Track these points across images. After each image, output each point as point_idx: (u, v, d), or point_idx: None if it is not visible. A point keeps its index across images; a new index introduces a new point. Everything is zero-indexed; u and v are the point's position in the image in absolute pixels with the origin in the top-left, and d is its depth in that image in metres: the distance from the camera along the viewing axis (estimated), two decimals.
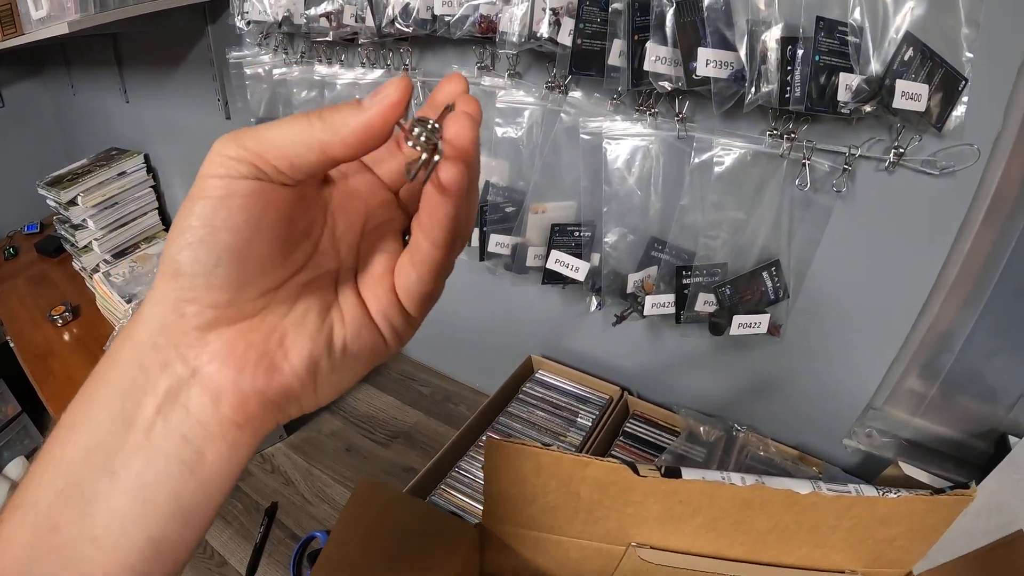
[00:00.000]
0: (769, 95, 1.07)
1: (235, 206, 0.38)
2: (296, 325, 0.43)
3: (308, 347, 0.43)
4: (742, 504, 0.79)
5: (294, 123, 0.39)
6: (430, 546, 0.85)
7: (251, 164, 0.38)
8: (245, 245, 0.39)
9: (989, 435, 1.29)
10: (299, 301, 0.44)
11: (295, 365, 0.42)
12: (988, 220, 1.11)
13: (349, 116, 0.38)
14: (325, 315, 0.44)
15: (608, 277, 1.41)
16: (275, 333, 0.42)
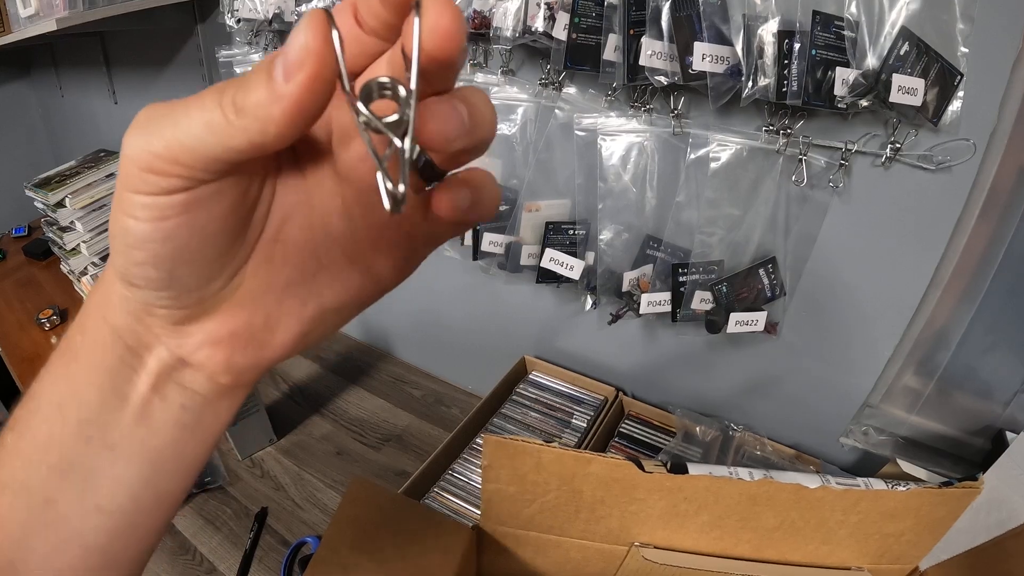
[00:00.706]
0: (766, 89, 1.07)
1: (171, 226, 0.34)
2: (276, 302, 0.41)
3: (294, 325, 0.42)
4: (748, 500, 0.78)
5: (203, 114, 0.32)
6: (426, 548, 0.84)
7: (173, 176, 0.33)
8: (198, 251, 0.36)
9: (986, 431, 1.29)
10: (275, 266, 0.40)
11: (285, 341, 0.42)
12: (984, 215, 1.11)
13: (264, 101, 0.31)
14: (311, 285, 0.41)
15: (603, 275, 1.40)
16: (258, 314, 0.40)
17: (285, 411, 1.82)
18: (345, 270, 0.42)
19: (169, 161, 0.32)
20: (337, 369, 2.04)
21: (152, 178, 0.33)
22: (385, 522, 0.84)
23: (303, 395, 1.91)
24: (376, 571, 0.80)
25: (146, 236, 0.34)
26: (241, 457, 1.65)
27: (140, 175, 0.32)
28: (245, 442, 1.64)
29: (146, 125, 0.33)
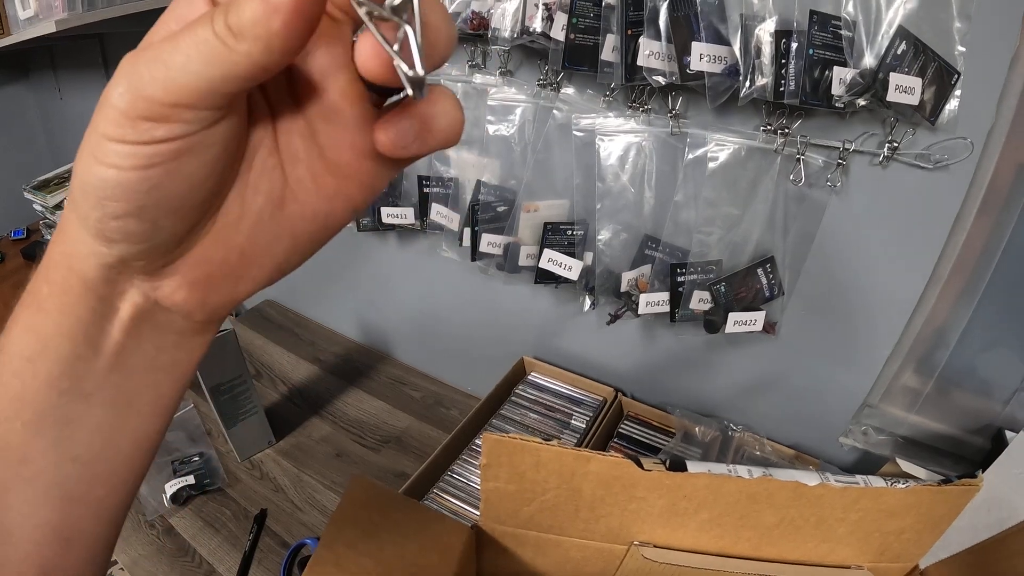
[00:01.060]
0: (764, 89, 1.07)
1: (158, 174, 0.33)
2: (251, 238, 0.39)
3: (271, 258, 0.41)
4: (748, 498, 0.78)
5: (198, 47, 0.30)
6: (425, 547, 0.83)
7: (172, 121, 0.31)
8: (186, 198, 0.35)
9: (985, 430, 1.29)
10: (248, 199, 0.38)
11: (260, 275, 0.41)
12: (982, 213, 1.12)
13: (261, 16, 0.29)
14: (279, 212, 0.39)
15: (602, 276, 1.41)
16: (233, 250, 0.39)
17: (284, 413, 1.82)
18: (314, 196, 0.40)
19: (168, 105, 0.31)
20: (336, 371, 2.04)
21: (145, 125, 0.31)
22: (384, 521, 0.84)
23: (302, 397, 1.91)
24: (375, 570, 0.79)
25: (130, 186, 0.33)
26: (240, 459, 1.65)
27: (130, 123, 0.31)
28: (244, 444, 1.64)
29: (132, 71, 0.31)
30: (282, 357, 2.09)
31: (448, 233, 1.57)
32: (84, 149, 0.33)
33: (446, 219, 1.54)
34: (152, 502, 1.51)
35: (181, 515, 1.50)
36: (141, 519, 1.48)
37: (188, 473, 1.57)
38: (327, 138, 0.39)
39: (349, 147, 0.39)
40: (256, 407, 1.62)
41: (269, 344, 2.15)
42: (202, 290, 0.39)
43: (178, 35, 0.31)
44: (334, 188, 0.40)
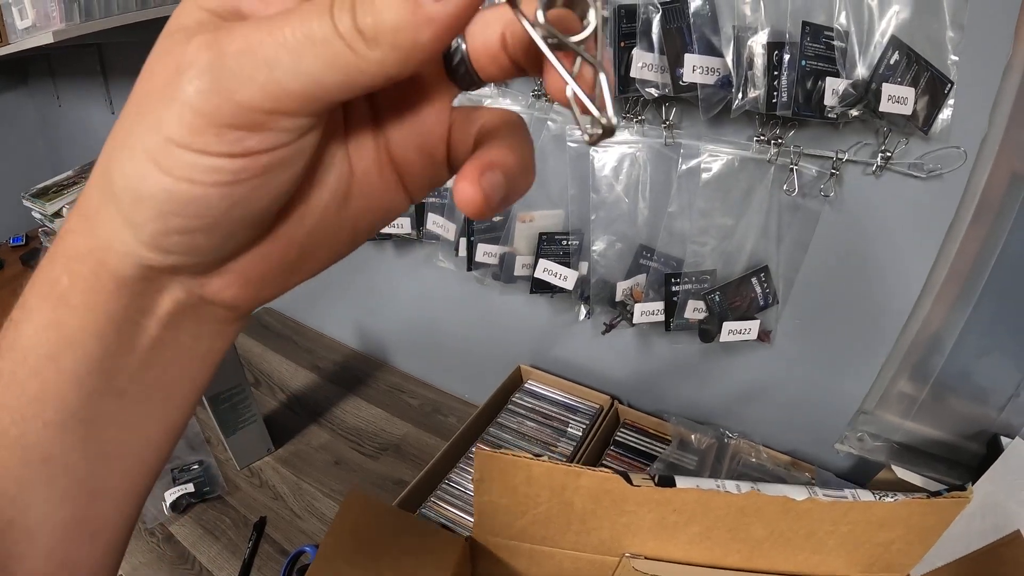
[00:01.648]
0: (756, 100, 1.07)
1: (243, 191, 0.29)
2: (313, 234, 0.36)
3: (330, 252, 0.38)
4: (737, 512, 0.78)
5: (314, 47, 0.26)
6: (420, 560, 0.84)
7: (259, 130, 0.28)
8: (266, 212, 0.32)
9: (981, 436, 1.29)
10: (309, 195, 0.35)
11: (315, 267, 0.39)
12: (976, 221, 1.12)
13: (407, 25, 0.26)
14: (344, 209, 0.37)
15: (597, 286, 1.41)
16: (292, 248, 0.36)
17: (283, 421, 1.82)
18: (379, 189, 0.38)
19: (266, 112, 0.27)
20: (334, 379, 2.04)
21: (234, 135, 0.27)
22: (380, 535, 0.85)
23: (301, 405, 1.91)
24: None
25: (208, 203, 0.29)
26: (239, 467, 1.65)
27: (215, 131, 0.27)
28: (243, 452, 1.65)
29: (219, 64, 0.27)
30: (281, 365, 2.09)
31: (444, 243, 1.58)
32: (135, 147, 0.29)
33: (442, 229, 1.54)
34: (152, 510, 1.51)
35: (181, 523, 1.50)
36: (141, 527, 1.48)
37: (188, 481, 1.57)
38: (398, 135, 0.37)
39: (418, 146, 0.37)
40: (255, 415, 1.62)
41: (268, 352, 2.15)
42: (254, 287, 0.36)
43: (280, 25, 0.26)
44: (396, 181, 0.38)
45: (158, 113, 0.28)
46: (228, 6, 0.30)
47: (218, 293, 0.35)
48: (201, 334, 0.37)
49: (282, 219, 0.34)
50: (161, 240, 0.30)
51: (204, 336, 0.38)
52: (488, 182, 0.33)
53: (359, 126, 0.36)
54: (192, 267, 0.33)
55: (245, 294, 0.36)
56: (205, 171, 0.28)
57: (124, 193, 0.30)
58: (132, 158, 0.29)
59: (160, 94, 0.28)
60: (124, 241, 0.31)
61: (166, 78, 0.28)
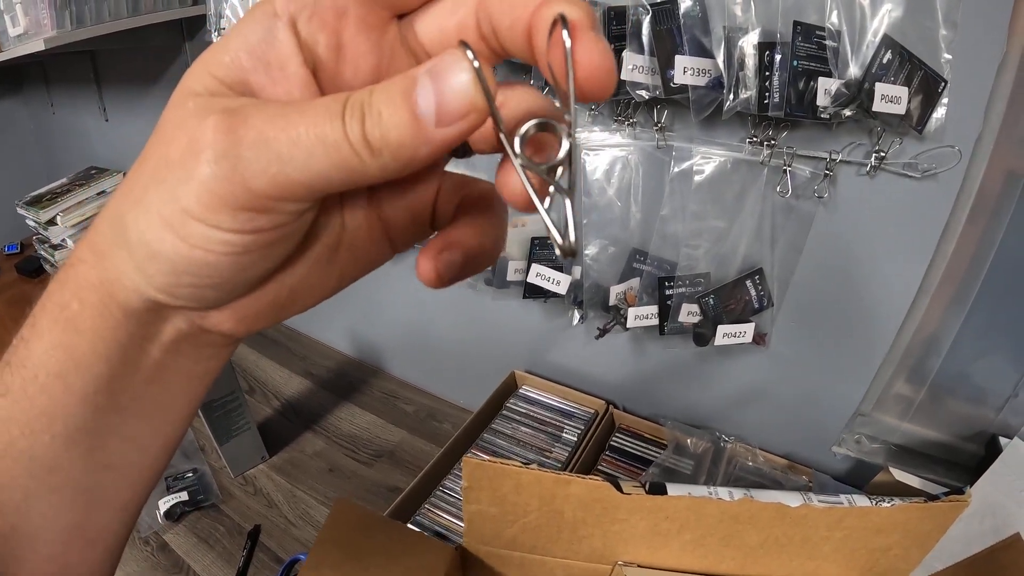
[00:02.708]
0: (748, 101, 1.07)
1: (251, 260, 0.33)
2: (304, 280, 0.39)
3: (317, 295, 0.41)
4: (730, 519, 0.78)
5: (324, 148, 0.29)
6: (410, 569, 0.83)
7: (274, 213, 0.31)
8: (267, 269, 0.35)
9: (979, 437, 1.29)
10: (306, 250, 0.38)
11: (307, 304, 0.41)
12: (972, 221, 1.12)
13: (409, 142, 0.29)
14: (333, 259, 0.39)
15: (590, 290, 1.41)
16: (284, 290, 0.38)
17: (277, 428, 1.82)
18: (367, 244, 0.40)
19: (274, 199, 0.30)
20: (329, 385, 2.04)
21: (245, 216, 0.30)
22: (369, 544, 0.84)
23: (295, 412, 1.91)
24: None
25: (218, 269, 0.32)
26: (234, 475, 1.65)
27: (229, 211, 0.30)
28: (237, 460, 1.64)
29: (233, 152, 0.29)
30: (275, 372, 2.09)
31: None
32: (151, 209, 0.31)
33: None
34: (146, 518, 1.51)
35: (175, 531, 1.50)
36: (135, 536, 1.47)
37: (182, 489, 1.57)
38: (390, 200, 0.40)
39: (407, 208, 0.40)
40: (249, 423, 1.62)
41: (262, 359, 2.15)
42: (251, 321, 0.39)
43: (294, 122, 0.29)
44: (383, 237, 0.41)
45: (175, 184, 0.30)
46: (236, 77, 0.32)
47: (217, 325, 0.38)
48: (199, 357, 0.40)
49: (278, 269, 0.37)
50: (171, 291, 0.33)
51: (202, 359, 0.41)
52: (444, 261, 0.38)
53: (354, 192, 0.39)
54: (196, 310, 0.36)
55: (239, 327, 0.39)
56: (218, 244, 0.31)
57: (139, 247, 0.32)
58: (148, 219, 0.31)
59: (178, 166, 0.30)
60: (134, 281, 0.33)
61: (182, 151, 0.30)
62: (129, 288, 0.34)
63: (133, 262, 0.33)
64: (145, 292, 0.34)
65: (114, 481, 0.40)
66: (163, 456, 0.42)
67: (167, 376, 0.39)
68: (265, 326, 0.40)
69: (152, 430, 0.41)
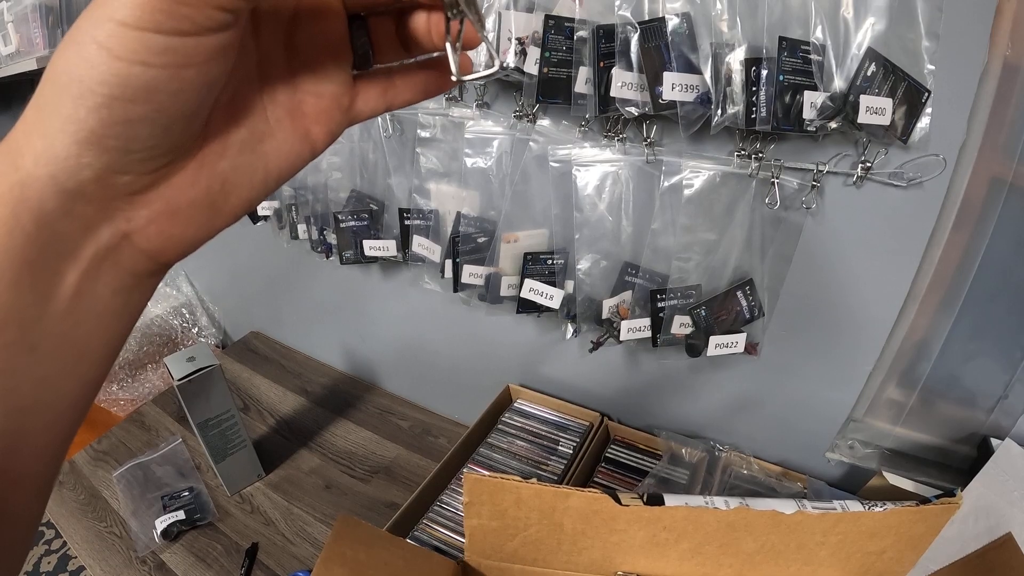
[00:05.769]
0: (735, 116, 1.08)
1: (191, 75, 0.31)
2: (235, 169, 0.39)
3: (249, 192, 0.40)
4: (727, 527, 0.79)
5: None
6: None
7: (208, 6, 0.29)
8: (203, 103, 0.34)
9: (971, 439, 1.30)
10: (233, 129, 0.39)
11: (235, 207, 0.40)
12: (958, 227, 1.13)
13: None
14: (260, 147, 0.40)
15: (583, 304, 1.41)
16: (216, 181, 0.38)
17: (272, 446, 1.82)
18: (289, 135, 0.41)
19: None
20: (323, 402, 2.04)
21: (186, 11, 0.28)
22: (372, 560, 0.84)
23: (290, 429, 1.91)
24: None
25: (158, 87, 0.30)
26: (230, 493, 1.65)
27: (168, 6, 0.28)
28: (233, 478, 1.65)
29: None
30: (269, 390, 2.09)
31: (430, 265, 1.58)
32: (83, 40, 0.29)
33: (427, 251, 1.54)
34: (143, 538, 1.51)
35: (172, 551, 1.50)
36: (132, 555, 1.48)
37: (178, 508, 1.57)
38: (308, 88, 0.41)
39: (327, 98, 0.42)
40: (244, 441, 1.62)
41: (256, 377, 2.15)
42: (182, 222, 0.37)
43: None
44: (304, 130, 0.42)
45: (109, 3, 0.29)
46: None
47: (143, 229, 0.36)
48: (119, 288, 0.37)
49: (205, 145, 0.37)
50: (102, 131, 0.30)
51: (122, 290, 0.38)
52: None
53: (274, 78, 0.40)
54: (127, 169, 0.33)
55: (168, 231, 0.37)
56: (159, 52, 0.29)
57: (70, 87, 0.30)
58: (81, 50, 0.29)
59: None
60: (48, 157, 0.31)
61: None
62: (40, 176, 0.31)
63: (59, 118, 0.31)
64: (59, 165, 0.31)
65: (29, 424, 0.36)
66: (83, 399, 0.39)
67: (84, 309, 0.36)
68: (195, 237, 0.39)
69: (66, 371, 0.37)
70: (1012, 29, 0.97)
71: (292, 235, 1.85)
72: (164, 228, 0.37)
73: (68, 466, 1.75)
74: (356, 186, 1.64)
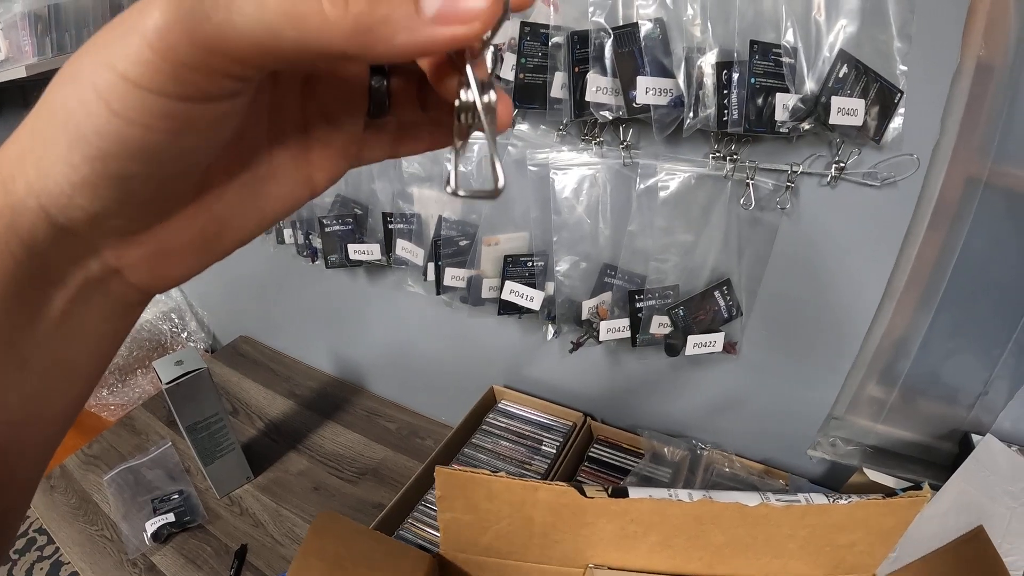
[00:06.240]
0: (707, 119, 1.09)
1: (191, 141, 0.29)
2: (232, 211, 0.37)
3: (243, 233, 0.39)
4: (693, 520, 0.80)
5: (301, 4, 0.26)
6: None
7: (228, 78, 0.27)
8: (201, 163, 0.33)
9: (952, 435, 1.32)
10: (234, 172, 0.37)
11: (229, 246, 0.39)
12: (934, 226, 1.14)
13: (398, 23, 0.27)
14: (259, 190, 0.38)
15: (563, 305, 1.43)
16: (212, 223, 0.37)
17: (261, 449, 1.83)
18: (290, 180, 0.39)
19: (230, 59, 0.26)
20: (312, 405, 2.05)
21: (192, 77, 0.26)
22: (350, 553, 0.85)
23: (279, 432, 1.92)
24: None
25: (156, 150, 0.28)
26: (219, 495, 1.66)
27: (171, 70, 0.26)
28: (222, 480, 1.65)
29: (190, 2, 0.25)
30: (258, 393, 2.10)
31: (413, 268, 1.59)
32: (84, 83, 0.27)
33: (411, 254, 1.56)
34: (133, 541, 1.52)
35: (162, 553, 1.51)
36: (123, 558, 1.49)
37: (168, 511, 1.58)
38: (318, 135, 0.39)
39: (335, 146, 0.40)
40: (233, 444, 1.63)
41: (245, 380, 2.16)
42: (173, 261, 0.36)
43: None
44: (306, 175, 0.40)
45: (112, 49, 0.27)
46: None
47: (134, 267, 0.35)
48: (108, 314, 0.37)
49: (208, 190, 0.35)
50: (95, 181, 0.29)
51: (111, 315, 0.37)
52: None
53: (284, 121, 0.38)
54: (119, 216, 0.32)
55: (159, 269, 0.36)
56: (160, 115, 0.27)
57: (66, 130, 0.28)
58: (80, 95, 0.27)
59: (118, 27, 0.27)
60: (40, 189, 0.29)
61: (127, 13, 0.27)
62: (32, 207, 0.30)
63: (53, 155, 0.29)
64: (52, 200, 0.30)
65: (15, 437, 0.35)
66: (70, 412, 0.39)
67: (71, 330, 0.35)
68: (184, 272, 0.38)
69: (56, 390, 0.36)
70: (986, 29, 0.98)
71: (278, 240, 1.86)
72: (155, 266, 0.36)
73: (59, 470, 1.76)
74: (341, 191, 1.65)
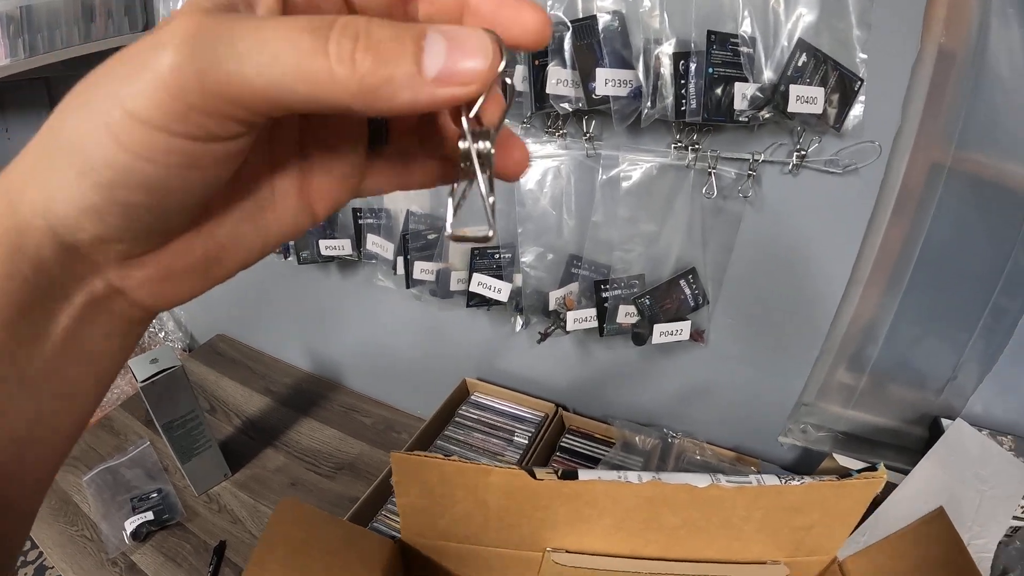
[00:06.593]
0: (665, 109, 1.10)
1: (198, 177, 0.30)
2: (234, 236, 0.38)
3: (245, 257, 0.39)
4: (645, 502, 0.80)
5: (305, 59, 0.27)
6: (350, 561, 0.84)
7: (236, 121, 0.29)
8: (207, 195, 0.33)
9: (923, 420, 1.33)
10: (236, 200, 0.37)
11: (229, 271, 0.39)
12: (898, 212, 1.16)
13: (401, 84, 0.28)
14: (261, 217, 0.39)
15: (530, 296, 1.44)
16: (214, 247, 0.37)
17: (238, 446, 1.83)
18: (292, 208, 0.40)
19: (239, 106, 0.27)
20: (288, 401, 2.05)
21: (200, 119, 0.27)
22: (311, 539, 0.85)
23: (255, 429, 1.92)
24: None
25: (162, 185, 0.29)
26: (197, 493, 1.66)
27: (182, 112, 0.27)
28: (200, 478, 1.65)
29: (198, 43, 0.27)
30: (235, 391, 2.09)
31: (383, 262, 1.60)
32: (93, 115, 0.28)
33: (381, 248, 1.57)
34: (113, 540, 1.52)
35: (142, 551, 1.51)
36: (103, 557, 1.48)
37: (147, 509, 1.58)
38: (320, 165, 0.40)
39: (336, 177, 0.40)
40: (210, 441, 1.63)
41: (222, 379, 2.15)
42: (175, 283, 0.37)
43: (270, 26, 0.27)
44: (308, 204, 0.40)
45: (123, 84, 0.27)
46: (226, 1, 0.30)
47: (137, 288, 0.35)
48: (111, 332, 0.37)
49: (210, 216, 0.36)
50: (102, 207, 0.30)
51: (114, 334, 0.37)
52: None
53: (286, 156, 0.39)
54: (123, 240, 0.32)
55: (162, 291, 0.36)
56: (166, 152, 0.28)
57: (75, 158, 0.29)
58: (89, 127, 0.28)
59: (130, 62, 0.28)
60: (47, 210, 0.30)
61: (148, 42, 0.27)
62: (39, 227, 0.30)
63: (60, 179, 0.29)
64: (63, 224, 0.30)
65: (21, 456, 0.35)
66: (75, 431, 0.38)
67: (75, 348, 0.35)
68: (186, 294, 0.38)
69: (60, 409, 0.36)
70: (947, 16, 0.99)
71: None
72: (157, 287, 0.36)
73: None
74: None
